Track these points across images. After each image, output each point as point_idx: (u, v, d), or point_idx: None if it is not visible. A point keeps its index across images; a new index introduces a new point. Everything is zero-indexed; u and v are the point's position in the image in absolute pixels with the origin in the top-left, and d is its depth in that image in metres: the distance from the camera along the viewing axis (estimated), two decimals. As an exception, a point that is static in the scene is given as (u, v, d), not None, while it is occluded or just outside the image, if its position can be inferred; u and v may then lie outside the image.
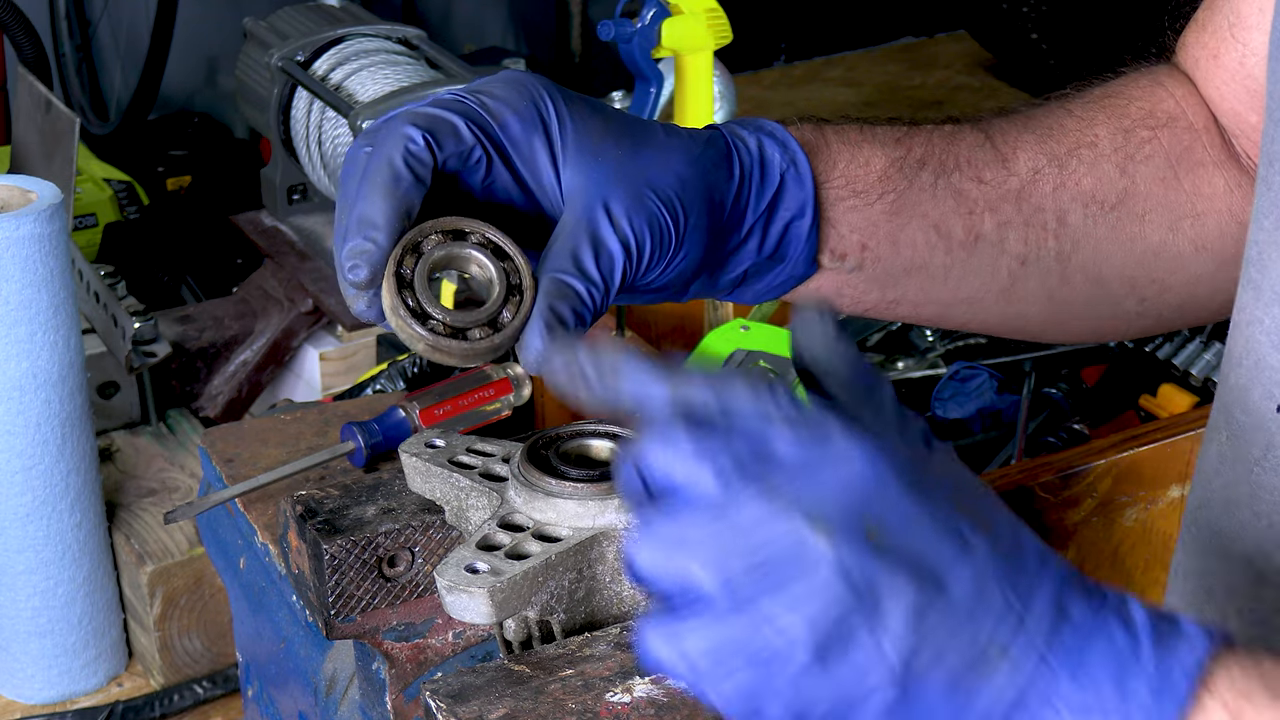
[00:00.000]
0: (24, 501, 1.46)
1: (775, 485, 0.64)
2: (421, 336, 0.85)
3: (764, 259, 0.97)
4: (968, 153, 1.03)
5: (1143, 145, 1.05)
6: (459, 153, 0.87)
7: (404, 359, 1.74)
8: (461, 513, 0.95)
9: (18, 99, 1.97)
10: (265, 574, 1.16)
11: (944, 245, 1.01)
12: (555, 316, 0.85)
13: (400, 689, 0.99)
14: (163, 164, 2.68)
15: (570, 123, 0.89)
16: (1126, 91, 1.08)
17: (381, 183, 0.84)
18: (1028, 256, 1.03)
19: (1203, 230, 1.06)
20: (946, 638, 0.63)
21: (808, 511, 0.63)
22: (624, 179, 0.88)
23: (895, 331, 1.90)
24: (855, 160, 0.99)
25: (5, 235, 1.38)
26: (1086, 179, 1.04)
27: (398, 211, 0.84)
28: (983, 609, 0.64)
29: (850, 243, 0.99)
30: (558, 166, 0.88)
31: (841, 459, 0.64)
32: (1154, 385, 1.82)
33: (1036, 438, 1.75)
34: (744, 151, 0.95)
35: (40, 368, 1.43)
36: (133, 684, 1.58)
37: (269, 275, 2.01)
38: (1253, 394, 0.93)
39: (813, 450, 0.64)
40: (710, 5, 1.74)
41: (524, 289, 0.87)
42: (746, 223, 0.95)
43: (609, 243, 0.87)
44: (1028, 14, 2.89)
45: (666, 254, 0.90)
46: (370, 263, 0.84)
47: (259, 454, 1.26)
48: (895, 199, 1.00)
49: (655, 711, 0.81)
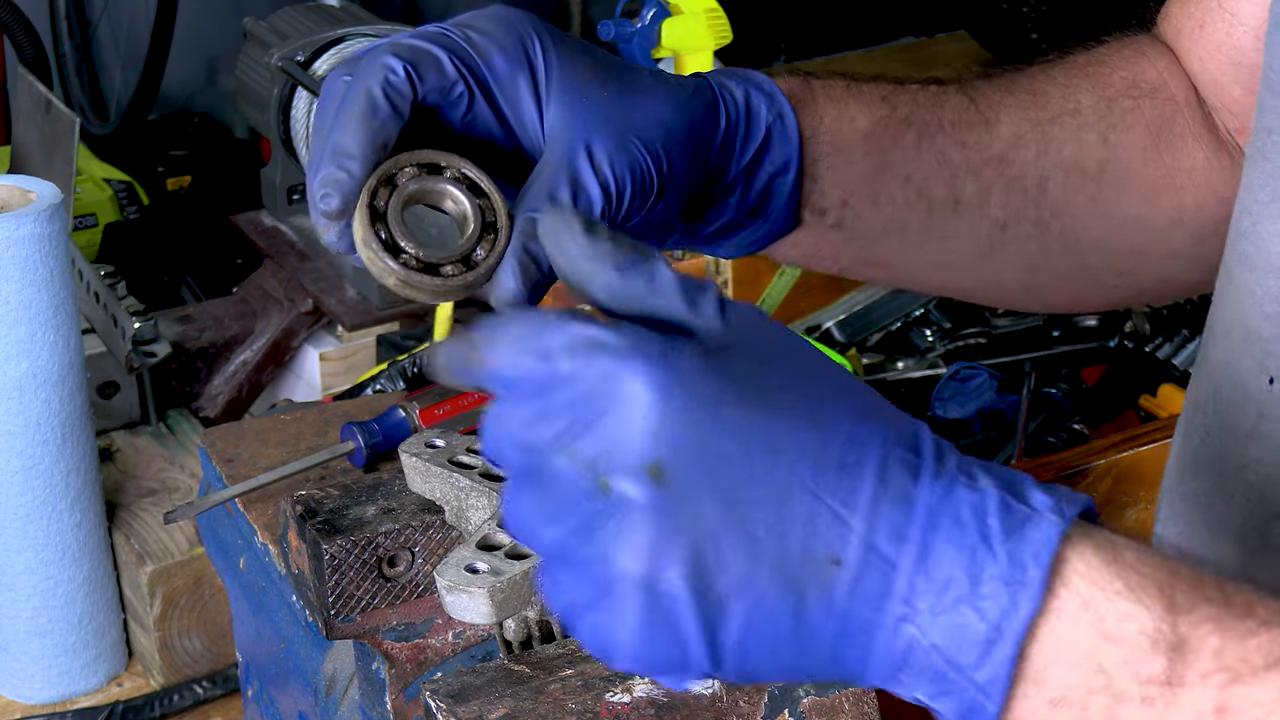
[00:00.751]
0: (24, 501, 1.46)
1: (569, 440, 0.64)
2: (393, 270, 0.83)
3: (745, 213, 0.96)
4: (952, 115, 1.02)
5: (1125, 115, 1.05)
6: (440, 87, 0.85)
7: (404, 359, 1.73)
8: (461, 513, 0.95)
9: (18, 99, 1.97)
10: (265, 574, 1.16)
11: (924, 206, 1.01)
12: (529, 256, 0.83)
13: (400, 689, 0.99)
14: (163, 164, 2.69)
15: (557, 61, 0.87)
16: (1110, 60, 1.07)
17: (359, 112, 0.83)
18: (1007, 222, 1.03)
19: (1181, 203, 1.05)
20: (746, 567, 0.63)
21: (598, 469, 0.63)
22: (608, 122, 0.87)
23: (895, 331, 1.90)
24: (841, 117, 0.98)
25: (5, 235, 1.38)
26: (1068, 146, 1.03)
27: (374, 142, 0.83)
28: (790, 525, 0.63)
29: (831, 199, 0.98)
30: (541, 105, 0.87)
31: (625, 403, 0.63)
32: (1154, 385, 1.82)
33: (1036, 438, 1.75)
34: (730, 102, 0.94)
35: (40, 368, 1.43)
36: (133, 684, 1.58)
37: (269, 275, 2.01)
38: (1240, 366, 0.93)
39: (596, 402, 0.64)
40: (710, 5, 1.74)
41: (499, 227, 0.85)
42: (730, 174, 0.94)
43: (588, 185, 0.85)
44: (1028, 14, 2.90)
45: (647, 200, 0.88)
46: (343, 192, 0.83)
47: (259, 454, 1.26)
48: (879, 158, 0.99)
49: (655, 711, 0.81)
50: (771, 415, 0.64)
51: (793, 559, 0.63)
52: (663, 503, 0.63)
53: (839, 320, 1.88)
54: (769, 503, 0.63)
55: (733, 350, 0.65)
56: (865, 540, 0.62)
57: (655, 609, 0.63)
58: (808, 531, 0.63)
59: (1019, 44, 2.93)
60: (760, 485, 0.63)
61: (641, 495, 0.63)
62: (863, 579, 0.63)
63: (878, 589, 0.63)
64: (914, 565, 0.62)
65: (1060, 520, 0.62)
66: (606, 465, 0.63)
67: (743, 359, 0.65)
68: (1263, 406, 0.91)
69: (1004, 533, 0.62)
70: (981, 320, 1.89)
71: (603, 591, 0.64)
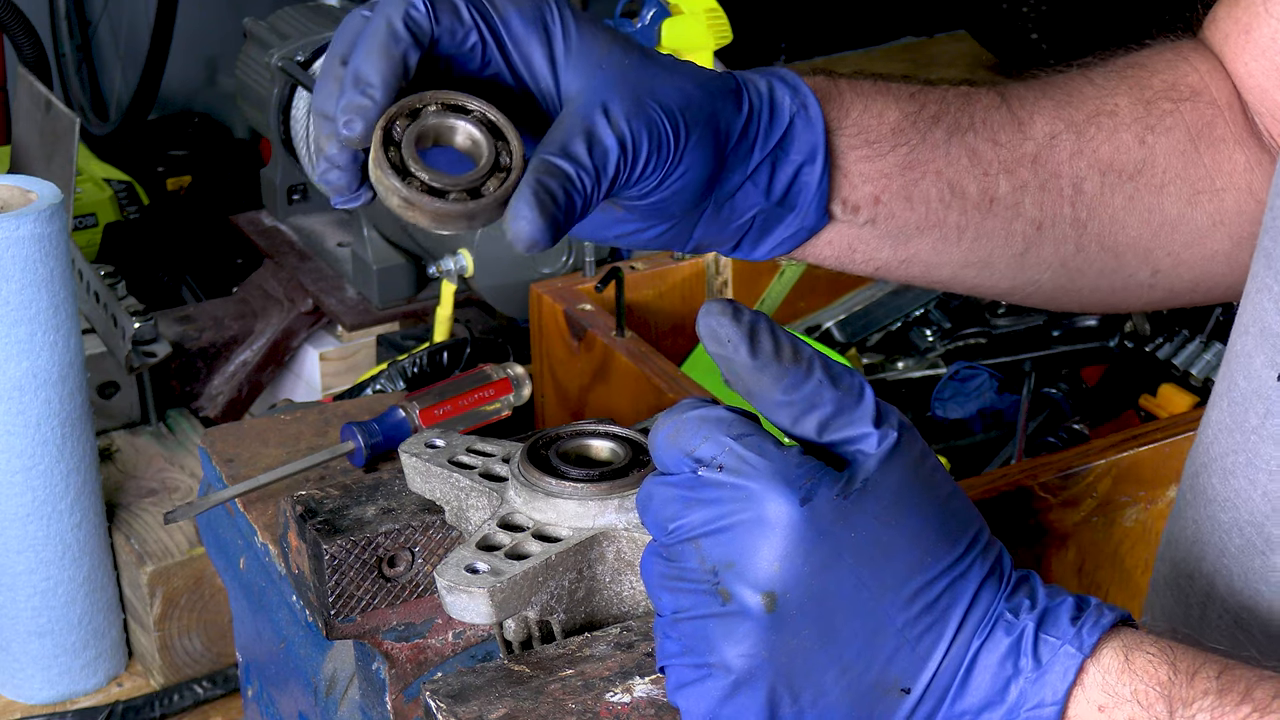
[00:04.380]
0: (24, 501, 1.46)
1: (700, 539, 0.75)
2: (397, 189, 0.84)
3: (773, 204, 0.96)
4: (983, 114, 1.02)
5: (1164, 117, 1.05)
6: (454, 31, 0.87)
7: (404, 359, 1.74)
8: (461, 513, 0.95)
9: (18, 99, 1.97)
10: (265, 574, 1.16)
11: (958, 204, 1.01)
12: (544, 189, 0.84)
13: (400, 689, 0.99)
14: (163, 164, 2.69)
15: (576, 32, 0.89)
16: (1150, 63, 1.07)
17: (380, 42, 0.84)
18: (1043, 222, 1.03)
19: (1220, 206, 1.06)
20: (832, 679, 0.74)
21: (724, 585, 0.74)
22: (626, 85, 0.88)
23: (895, 331, 1.90)
24: (869, 110, 0.99)
25: (5, 235, 1.38)
26: (1105, 147, 1.04)
27: (395, 71, 0.84)
28: (874, 659, 0.74)
29: (863, 194, 0.99)
30: (557, 70, 0.88)
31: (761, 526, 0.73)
32: (1154, 385, 1.82)
33: (1036, 438, 1.75)
34: (753, 91, 0.95)
35: (40, 368, 1.43)
36: (133, 684, 1.58)
37: (269, 275, 2.01)
38: (1255, 361, 0.94)
39: (733, 514, 0.74)
40: (710, 5, 1.74)
41: (512, 167, 0.86)
42: (754, 159, 0.95)
43: (604, 137, 0.86)
44: (1028, 14, 2.90)
45: (664, 163, 0.89)
46: (366, 118, 0.84)
47: (259, 454, 1.26)
48: (908, 152, 0.99)
49: (655, 711, 0.81)
50: (880, 566, 0.74)
51: (868, 685, 0.74)
52: (770, 623, 0.73)
53: (839, 320, 1.88)
54: (861, 639, 0.74)
55: (870, 490, 0.74)
56: (933, 674, 0.75)
57: (735, 698, 0.74)
58: (887, 665, 0.74)
59: (1019, 44, 2.93)
60: (858, 623, 0.74)
61: (753, 613, 0.73)
62: (922, 704, 0.75)
63: (930, 710, 0.75)
64: (957, 689, 0.75)
65: (1080, 653, 0.74)
66: (728, 574, 0.73)
67: (877, 499, 0.74)
68: (1270, 403, 0.92)
69: (1034, 666, 0.74)
70: (981, 320, 1.89)
71: (699, 665, 0.75)
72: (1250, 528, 0.93)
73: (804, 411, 0.75)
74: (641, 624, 0.88)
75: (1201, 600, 0.98)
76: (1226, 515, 0.95)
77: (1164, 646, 0.75)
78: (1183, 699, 0.73)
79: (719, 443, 0.74)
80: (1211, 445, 0.98)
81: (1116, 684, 0.74)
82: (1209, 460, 0.98)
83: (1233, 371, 0.97)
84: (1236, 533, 0.94)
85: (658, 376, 1.54)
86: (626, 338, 1.61)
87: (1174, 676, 0.74)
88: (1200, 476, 0.99)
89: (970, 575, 0.76)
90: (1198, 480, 0.99)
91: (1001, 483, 1.42)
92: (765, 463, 0.73)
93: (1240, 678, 0.73)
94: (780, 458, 0.74)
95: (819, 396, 0.75)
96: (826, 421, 0.75)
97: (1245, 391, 0.94)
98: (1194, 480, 1.00)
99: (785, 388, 0.75)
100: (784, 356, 0.75)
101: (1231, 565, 0.95)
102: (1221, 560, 0.95)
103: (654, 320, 1.79)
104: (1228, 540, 0.95)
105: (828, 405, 0.75)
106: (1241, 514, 0.94)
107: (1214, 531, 0.97)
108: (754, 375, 0.75)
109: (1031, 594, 0.76)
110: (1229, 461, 0.95)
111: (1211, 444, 0.98)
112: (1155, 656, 0.75)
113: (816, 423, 0.75)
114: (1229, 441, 0.96)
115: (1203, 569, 0.98)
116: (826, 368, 0.75)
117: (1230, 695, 0.73)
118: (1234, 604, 0.94)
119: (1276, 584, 0.92)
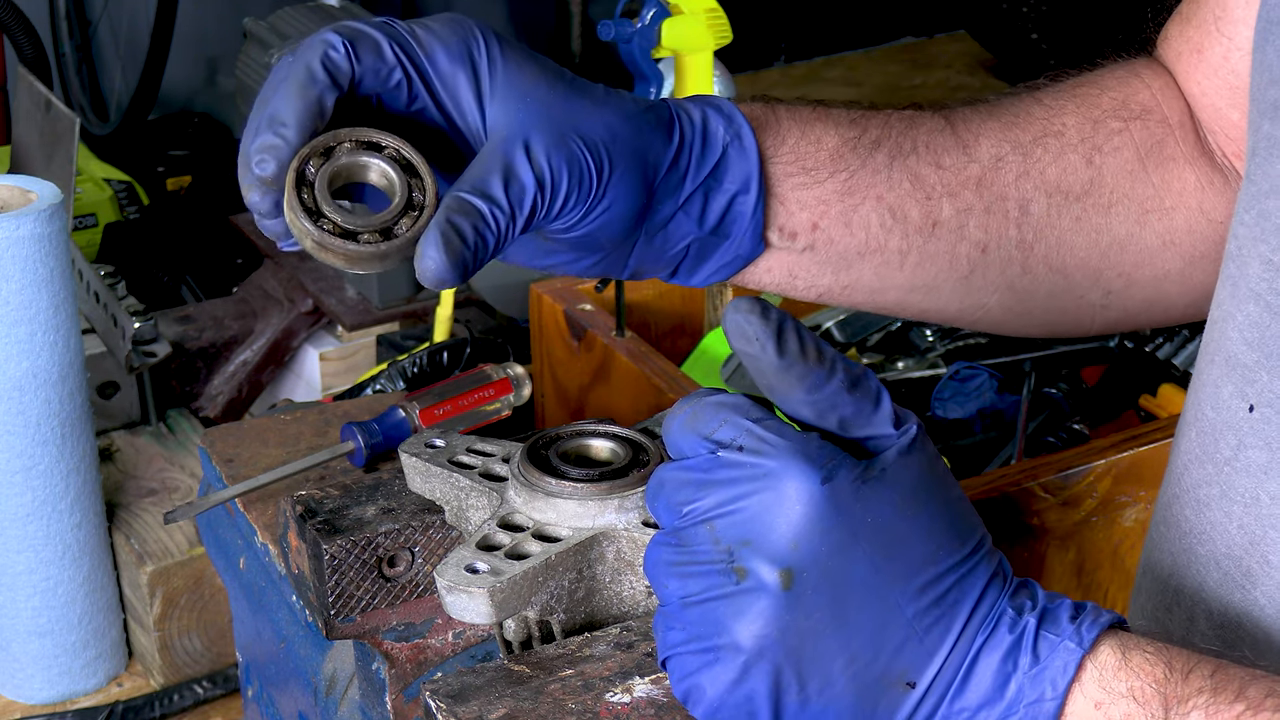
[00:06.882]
0: (24, 501, 1.46)
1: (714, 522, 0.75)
2: (309, 232, 0.84)
3: (707, 233, 0.96)
4: (926, 137, 1.02)
5: (1111, 136, 1.04)
6: (377, 70, 0.87)
7: (404, 359, 1.74)
8: (461, 513, 0.95)
9: (18, 99, 1.97)
10: (265, 574, 1.16)
11: (900, 229, 1.01)
12: (454, 229, 0.84)
13: (400, 689, 0.99)
14: (163, 164, 2.69)
15: (502, 65, 0.89)
16: (1100, 82, 1.07)
17: (296, 83, 0.85)
18: (989, 244, 1.03)
19: (1171, 225, 1.05)
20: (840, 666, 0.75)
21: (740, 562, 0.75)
22: (549, 120, 0.88)
23: (895, 331, 1.90)
24: (806, 137, 0.99)
25: (5, 235, 1.38)
26: (1051, 168, 1.03)
27: (309, 110, 0.85)
28: (882, 648, 0.75)
29: (800, 221, 0.99)
30: (483, 105, 0.88)
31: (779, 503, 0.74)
32: (1154, 385, 1.82)
33: (1036, 438, 1.75)
34: (686, 121, 0.95)
35: (40, 368, 1.43)
36: (133, 684, 1.58)
37: (269, 275, 2.01)
38: (1223, 391, 0.92)
39: (750, 494, 0.74)
40: (710, 5, 1.74)
41: (426, 206, 0.86)
42: (686, 189, 0.94)
43: (521, 173, 0.86)
44: (1028, 14, 2.90)
45: (585, 198, 0.89)
46: (278, 158, 0.85)
47: (259, 454, 1.26)
48: (847, 178, 0.99)
49: (655, 711, 0.81)
50: (895, 555, 0.75)
51: (874, 677, 0.75)
52: (786, 601, 0.74)
53: (839, 320, 1.88)
54: (871, 627, 0.75)
55: (889, 479, 0.75)
56: (938, 669, 0.75)
57: (745, 681, 0.74)
58: (894, 656, 0.75)
59: (1019, 44, 2.94)
60: (869, 611, 0.75)
61: (770, 589, 0.73)
62: (926, 700, 0.75)
63: (933, 707, 0.76)
64: (959, 686, 0.76)
65: (1080, 649, 0.75)
66: (744, 551, 0.74)
67: (895, 488, 0.75)
68: (1243, 435, 0.91)
69: (1032, 663, 0.75)
70: (981, 320, 1.89)
71: (707, 650, 0.75)
72: (1228, 561, 0.92)
73: (825, 410, 0.76)
74: (641, 624, 0.88)
75: (1182, 634, 0.96)
76: (1203, 549, 0.94)
77: (1159, 646, 0.76)
78: (1178, 696, 0.74)
79: (738, 425, 0.75)
80: (1183, 476, 0.97)
81: (1113, 681, 0.75)
82: (1180, 492, 0.97)
83: (1200, 401, 0.95)
84: (1214, 566, 0.93)
85: (658, 377, 1.54)
86: (626, 338, 1.61)
87: (1169, 674, 0.75)
88: (1173, 508, 0.98)
89: (977, 573, 0.77)
90: (1170, 512, 0.98)
91: (1001, 483, 1.42)
92: (786, 443, 0.74)
93: (1234, 677, 0.74)
94: (801, 439, 0.74)
95: (840, 398, 0.75)
96: (847, 421, 0.76)
97: (1214, 422, 0.93)
98: (1166, 511, 0.99)
99: (809, 387, 0.75)
100: (809, 357, 0.75)
101: (1210, 600, 0.94)
102: (1200, 595, 0.95)
103: (654, 320, 1.79)
104: (1205, 574, 0.94)
105: (848, 406, 0.76)
106: (1218, 547, 0.93)
107: (1191, 565, 0.96)
108: (779, 374, 0.75)
109: (1032, 595, 0.77)
110: (1202, 493, 0.94)
111: (1183, 475, 0.97)
112: (1151, 655, 0.76)
113: (837, 420, 0.76)
114: (1200, 473, 0.95)
115: (1181, 602, 0.97)
116: (848, 370, 0.76)
117: (1224, 693, 0.73)
118: (1216, 640, 0.93)
119: (1259, 620, 0.91)
